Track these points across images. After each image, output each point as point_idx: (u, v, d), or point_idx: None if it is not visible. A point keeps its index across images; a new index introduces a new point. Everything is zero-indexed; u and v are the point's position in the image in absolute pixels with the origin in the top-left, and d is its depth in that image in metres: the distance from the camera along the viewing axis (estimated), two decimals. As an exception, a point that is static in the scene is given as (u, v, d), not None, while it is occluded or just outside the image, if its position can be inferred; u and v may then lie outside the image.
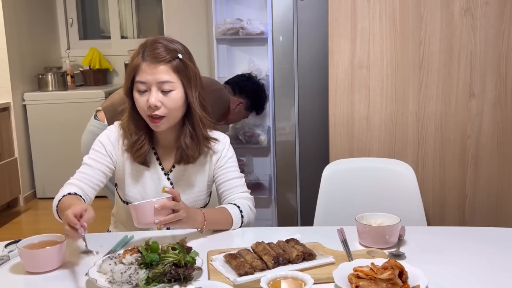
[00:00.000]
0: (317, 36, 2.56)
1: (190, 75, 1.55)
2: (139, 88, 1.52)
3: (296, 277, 1.13)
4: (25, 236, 1.35)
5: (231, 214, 1.56)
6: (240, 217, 1.58)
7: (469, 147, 2.17)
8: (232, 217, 1.56)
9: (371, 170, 1.91)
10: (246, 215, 1.59)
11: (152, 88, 1.51)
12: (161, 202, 1.35)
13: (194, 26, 3.93)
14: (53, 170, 4.31)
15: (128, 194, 1.65)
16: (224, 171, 1.66)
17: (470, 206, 2.21)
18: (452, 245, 1.41)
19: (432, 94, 2.16)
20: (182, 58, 1.53)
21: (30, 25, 4.53)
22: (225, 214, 1.56)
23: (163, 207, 1.35)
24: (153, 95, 1.50)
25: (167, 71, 1.51)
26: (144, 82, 1.51)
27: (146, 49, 1.52)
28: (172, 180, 1.64)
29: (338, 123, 2.24)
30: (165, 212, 1.36)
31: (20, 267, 1.30)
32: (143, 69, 1.51)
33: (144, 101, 1.51)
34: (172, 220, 1.37)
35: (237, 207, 1.59)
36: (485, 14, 2.08)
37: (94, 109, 2.61)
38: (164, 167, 1.64)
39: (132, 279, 1.16)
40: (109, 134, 1.64)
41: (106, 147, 1.62)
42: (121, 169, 1.64)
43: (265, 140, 3.34)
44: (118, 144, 1.63)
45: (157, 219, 1.34)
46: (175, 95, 1.52)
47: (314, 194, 1.87)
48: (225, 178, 1.66)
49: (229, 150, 1.69)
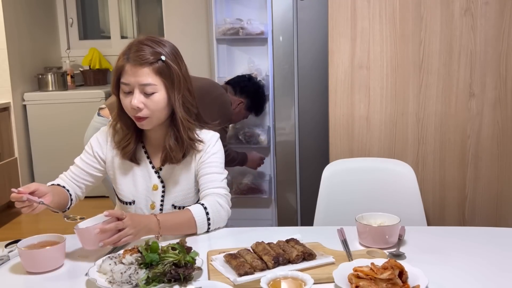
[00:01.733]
0: (317, 36, 2.56)
1: (173, 78, 1.53)
2: (124, 89, 1.54)
3: (296, 277, 1.13)
4: (25, 236, 1.35)
5: (194, 216, 1.50)
6: (205, 219, 1.51)
7: (469, 147, 2.17)
8: (195, 220, 1.50)
9: (371, 170, 1.91)
10: (213, 216, 1.52)
11: (135, 90, 1.51)
12: (98, 226, 1.31)
13: (194, 26, 3.93)
14: (53, 170, 4.25)
15: (120, 193, 1.66)
16: (205, 165, 1.62)
17: (470, 206, 2.21)
18: (452, 245, 1.41)
19: (432, 94, 2.16)
20: (165, 60, 1.52)
21: (30, 25, 4.53)
22: (186, 217, 1.50)
23: (103, 231, 1.31)
24: (135, 97, 1.51)
25: (149, 73, 1.50)
26: (127, 84, 1.52)
27: (131, 50, 1.52)
28: (162, 177, 1.65)
29: (338, 123, 2.24)
30: (110, 234, 1.33)
31: (20, 267, 1.30)
32: (126, 71, 1.52)
33: (128, 102, 1.53)
34: (117, 240, 1.33)
35: (203, 208, 1.52)
36: (485, 14, 2.08)
37: (94, 109, 2.62)
38: (155, 165, 1.65)
39: (132, 279, 1.16)
40: (99, 135, 1.69)
41: (93, 148, 1.66)
42: (111, 167, 1.66)
43: (265, 140, 3.34)
44: (107, 143, 1.66)
45: (101, 243, 1.31)
46: (157, 97, 1.52)
47: (314, 194, 1.87)
48: (203, 172, 1.61)
49: (215, 146, 1.65)
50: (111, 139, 1.66)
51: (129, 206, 1.66)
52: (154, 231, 1.44)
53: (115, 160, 1.65)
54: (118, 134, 1.64)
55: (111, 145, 1.65)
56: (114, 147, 1.65)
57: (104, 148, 1.66)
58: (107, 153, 1.66)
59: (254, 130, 3.36)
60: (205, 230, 1.53)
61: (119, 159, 1.64)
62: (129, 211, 1.66)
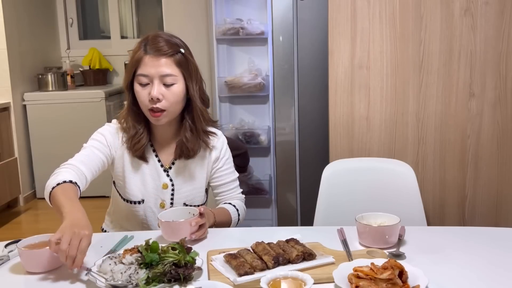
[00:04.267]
0: (317, 36, 2.56)
1: (191, 69, 1.58)
2: (141, 81, 1.54)
3: (296, 277, 1.13)
4: (25, 236, 1.35)
5: (231, 214, 1.70)
6: (237, 216, 1.72)
7: (469, 147, 2.17)
8: (231, 217, 1.70)
9: (371, 170, 1.91)
10: (241, 215, 1.74)
11: (154, 81, 1.53)
12: (196, 220, 1.43)
13: (194, 26, 3.93)
14: (53, 170, 4.28)
15: (129, 192, 1.65)
16: (222, 173, 1.73)
17: (470, 206, 2.21)
18: (452, 245, 1.41)
19: (432, 94, 2.16)
20: (184, 52, 1.56)
21: (30, 25, 4.53)
22: (227, 214, 1.69)
23: (197, 223, 1.43)
24: (155, 88, 1.52)
25: (169, 64, 1.54)
26: (147, 75, 1.53)
27: (148, 43, 1.55)
28: (171, 176, 1.66)
29: (338, 123, 2.24)
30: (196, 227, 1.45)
31: (20, 267, 1.30)
32: (145, 62, 1.53)
33: (145, 94, 1.53)
34: (203, 233, 1.47)
35: (235, 208, 1.72)
36: (485, 14, 2.08)
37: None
38: (163, 164, 1.65)
39: (132, 279, 1.16)
40: (110, 129, 1.65)
41: (107, 138, 1.62)
42: (121, 165, 1.64)
43: (265, 140, 3.34)
44: (118, 139, 1.64)
45: (194, 235, 1.42)
46: (176, 88, 1.55)
47: (314, 194, 1.87)
48: (223, 181, 1.74)
49: (227, 150, 1.75)
50: (121, 136, 1.63)
51: (137, 205, 1.66)
52: (210, 225, 1.56)
53: (125, 159, 1.63)
54: (127, 132, 1.62)
55: (121, 142, 1.63)
56: (124, 144, 1.62)
57: (116, 142, 1.63)
58: (117, 149, 1.64)
59: (254, 130, 3.36)
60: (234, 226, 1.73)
61: (129, 158, 1.63)
62: (136, 210, 1.66)
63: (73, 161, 1.53)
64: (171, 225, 1.43)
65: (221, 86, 3.32)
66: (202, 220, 1.45)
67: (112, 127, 1.65)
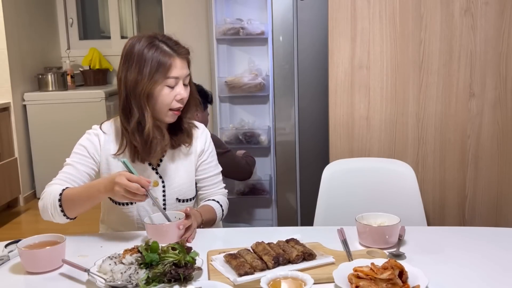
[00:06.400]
0: (317, 36, 2.56)
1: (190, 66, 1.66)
2: (171, 84, 1.56)
3: (296, 277, 1.13)
4: (25, 236, 1.35)
5: (216, 211, 1.72)
6: (221, 212, 1.74)
7: (469, 147, 2.17)
8: (216, 214, 1.71)
9: (371, 170, 1.91)
10: (225, 210, 1.76)
11: (180, 82, 1.58)
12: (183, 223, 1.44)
13: (194, 26, 3.93)
14: (53, 170, 4.22)
15: None
16: (207, 166, 1.75)
17: (470, 206, 2.21)
18: (452, 245, 1.41)
19: (432, 94, 2.16)
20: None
21: (30, 25, 4.53)
22: (212, 212, 1.70)
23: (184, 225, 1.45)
24: (182, 89, 1.58)
25: (187, 65, 1.61)
26: (177, 77, 1.57)
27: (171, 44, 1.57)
28: (160, 173, 1.67)
29: (338, 123, 2.24)
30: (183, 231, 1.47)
31: (20, 267, 1.30)
32: (176, 65, 1.56)
33: (173, 96, 1.57)
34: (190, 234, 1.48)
35: (219, 204, 1.73)
36: (485, 14, 2.08)
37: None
38: (151, 162, 1.65)
39: (132, 279, 1.16)
40: (90, 137, 1.66)
41: (88, 149, 1.63)
42: (106, 169, 1.64)
43: (265, 140, 3.34)
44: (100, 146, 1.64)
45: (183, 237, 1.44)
46: (191, 86, 1.63)
47: (314, 194, 1.87)
48: (207, 174, 1.75)
49: (211, 143, 1.78)
50: (103, 141, 1.64)
51: (130, 206, 1.65)
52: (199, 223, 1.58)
53: (110, 162, 1.64)
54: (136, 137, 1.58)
55: (104, 147, 1.64)
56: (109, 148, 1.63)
57: (98, 150, 1.64)
58: (101, 154, 1.64)
59: (254, 130, 3.37)
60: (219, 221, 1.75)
61: (113, 161, 1.63)
62: (129, 212, 1.66)
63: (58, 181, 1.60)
64: (158, 228, 1.43)
65: (221, 86, 3.33)
66: (188, 221, 1.47)
67: (92, 135, 1.66)
